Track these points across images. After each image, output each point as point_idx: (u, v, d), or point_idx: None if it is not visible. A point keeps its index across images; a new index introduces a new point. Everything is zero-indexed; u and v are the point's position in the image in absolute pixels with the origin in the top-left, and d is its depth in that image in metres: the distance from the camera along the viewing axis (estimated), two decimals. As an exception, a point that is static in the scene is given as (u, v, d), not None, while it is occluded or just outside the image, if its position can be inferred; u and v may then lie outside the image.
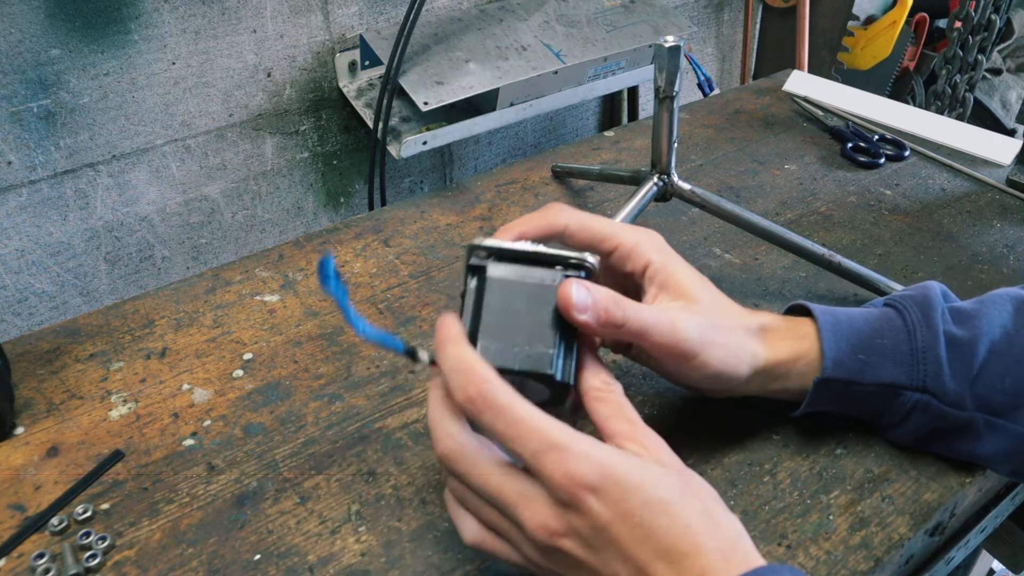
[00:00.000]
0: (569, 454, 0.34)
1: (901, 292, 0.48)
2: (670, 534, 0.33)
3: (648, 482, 0.34)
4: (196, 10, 0.85)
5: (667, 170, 0.63)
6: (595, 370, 0.39)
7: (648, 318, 0.41)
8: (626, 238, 0.44)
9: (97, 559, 0.42)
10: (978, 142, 0.85)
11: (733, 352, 0.43)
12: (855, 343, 0.45)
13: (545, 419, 0.35)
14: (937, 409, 0.44)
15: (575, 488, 0.33)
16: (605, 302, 0.39)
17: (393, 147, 0.96)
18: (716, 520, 0.35)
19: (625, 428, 0.37)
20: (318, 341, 0.59)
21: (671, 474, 0.35)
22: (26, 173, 0.81)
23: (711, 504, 0.35)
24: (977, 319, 0.45)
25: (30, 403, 0.54)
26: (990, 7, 1.45)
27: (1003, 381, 0.43)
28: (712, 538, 0.34)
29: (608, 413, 0.37)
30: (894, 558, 0.43)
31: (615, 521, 0.33)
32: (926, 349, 0.44)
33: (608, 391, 0.38)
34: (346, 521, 0.45)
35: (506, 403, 0.35)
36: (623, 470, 0.34)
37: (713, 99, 1.01)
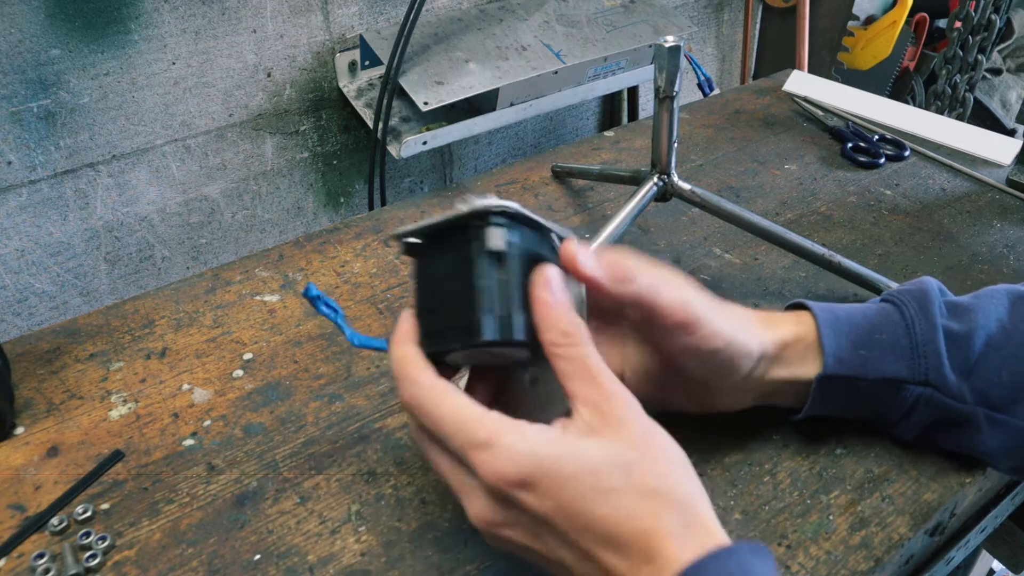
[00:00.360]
0: (494, 451, 0.33)
1: (898, 288, 0.48)
2: (611, 521, 0.32)
3: (583, 471, 0.33)
4: (196, 10, 0.85)
5: (667, 170, 0.63)
6: (553, 319, 0.36)
7: (656, 277, 0.40)
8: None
9: (97, 559, 0.42)
10: (978, 142, 0.85)
11: (739, 327, 0.43)
12: (854, 339, 0.45)
13: (473, 414, 0.34)
14: (940, 402, 0.44)
15: (503, 485, 0.33)
16: (610, 256, 0.39)
17: (393, 147, 0.96)
18: (668, 499, 0.33)
19: (585, 391, 0.35)
20: (318, 341, 0.59)
21: (617, 455, 0.33)
22: (26, 173, 0.81)
23: (663, 480, 0.34)
24: (972, 313, 0.45)
25: (30, 403, 0.54)
26: (990, 7, 1.45)
27: (1000, 375, 0.43)
28: (661, 520, 0.32)
29: (568, 371, 0.35)
30: (894, 558, 0.43)
31: (552, 512, 0.33)
32: (926, 342, 0.44)
33: (568, 343, 0.35)
34: (346, 521, 0.45)
35: (434, 403, 0.35)
36: (553, 462, 0.33)
37: (713, 99, 1.01)
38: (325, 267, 0.68)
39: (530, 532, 0.34)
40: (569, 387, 0.35)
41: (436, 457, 0.37)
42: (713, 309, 0.42)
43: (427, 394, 0.36)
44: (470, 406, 0.35)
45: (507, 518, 0.34)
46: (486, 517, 0.35)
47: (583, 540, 0.33)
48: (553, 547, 0.34)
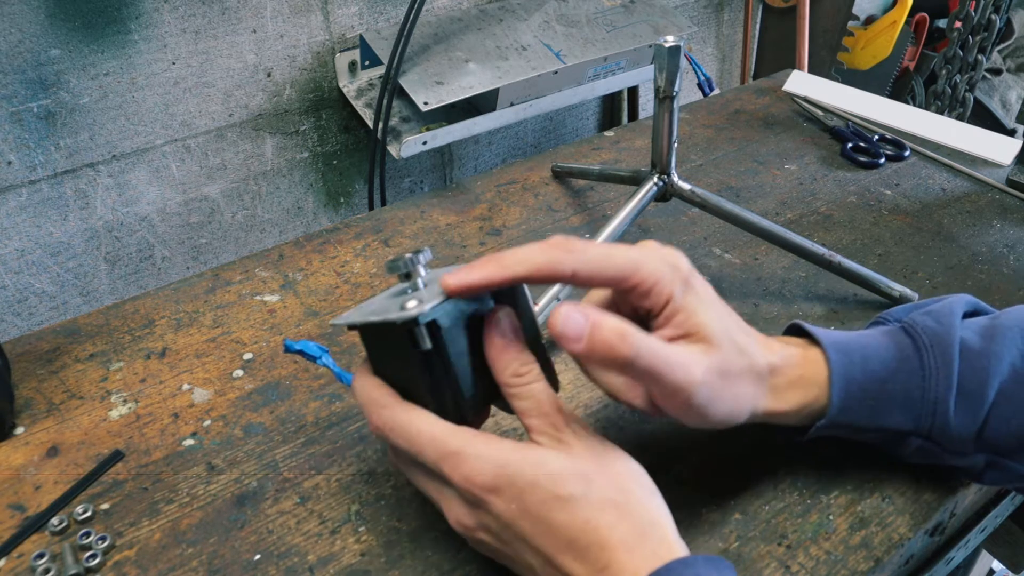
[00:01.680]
0: (463, 457, 0.36)
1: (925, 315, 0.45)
2: (571, 528, 0.34)
3: (544, 479, 0.35)
4: (196, 10, 0.85)
5: (667, 170, 0.63)
6: (504, 362, 0.37)
7: (664, 357, 0.37)
8: (646, 274, 0.38)
9: (97, 559, 0.42)
10: (978, 142, 0.85)
11: (738, 404, 0.40)
12: (866, 387, 0.43)
13: (442, 427, 0.37)
14: (940, 454, 0.43)
15: (474, 489, 0.35)
16: (608, 333, 0.35)
17: (393, 147, 0.96)
18: (626, 511, 0.35)
19: (541, 424, 0.37)
20: (318, 341, 0.59)
21: (576, 466, 0.35)
22: (26, 173, 0.81)
23: (622, 495, 0.35)
24: (986, 358, 0.42)
25: (30, 403, 0.54)
26: (990, 7, 1.45)
27: (1009, 424, 0.42)
28: (616, 531, 0.34)
29: (523, 407, 0.37)
30: (894, 558, 0.43)
31: (518, 517, 0.35)
32: (937, 400, 0.42)
33: (520, 383, 0.37)
34: (346, 521, 0.45)
35: (404, 421, 0.38)
36: (516, 469, 0.35)
37: (713, 99, 1.01)
38: (325, 267, 0.68)
39: (500, 537, 0.36)
40: (526, 422, 0.37)
41: (413, 473, 0.40)
42: (716, 388, 0.38)
43: (399, 415, 0.38)
44: (440, 423, 0.37)
45: (480, 522, 0.37)
46: (462, 521, 0.37)
47: (546, 545, 0.35)
48: (521, 551, 0.36)
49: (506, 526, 0.36)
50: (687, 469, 0.47)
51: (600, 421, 0.51)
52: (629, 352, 0.36)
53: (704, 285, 0.40)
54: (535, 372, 0.38)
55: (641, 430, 0.50)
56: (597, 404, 0.52)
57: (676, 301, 0.39)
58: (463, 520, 0.37)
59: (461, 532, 0.38)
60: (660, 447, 0.49)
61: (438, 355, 0.37)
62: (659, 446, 0.49)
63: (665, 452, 0.48)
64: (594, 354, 0.36)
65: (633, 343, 0.36)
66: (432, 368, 0.37)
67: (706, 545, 0.43)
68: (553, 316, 0.36)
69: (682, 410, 0.39)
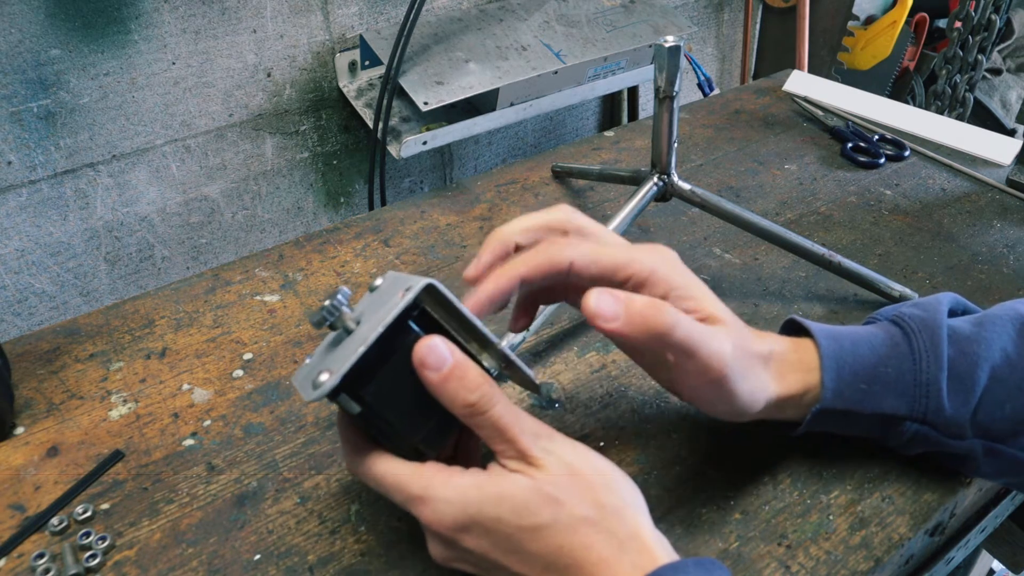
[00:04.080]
0: (427, 502, 0.36)
1: (912, 307, 0.46)
2: (545, 555, 0.35)
3: (509, 514, 0.35)
4: (196, 10, 0.85)
5: (667, 170, 0.63)
6: (450, 393, 0.36)
7: (697, 332, 0.37)
8: (641, 266, 0.40)
9: (97, 559, 0.42)
10: (978, 142, 0.85)
11: (755, 386, 0.41)
12: (858, 372, 0.43)
13: (405, 473, 0.37)
14: (936, 439, 0.44)
15: (443, 530, 0.36)
16: (643, 307, 0.36)
17: (393, 147, 0.96)
18: (602, 527, 0.35)
19: (504, 448, 0.36)
20: (318, 341, 0.59)
21: (543, 492, 0.35)
22: (26, 173, 0.81)
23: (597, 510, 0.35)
24: (976, 344, 0.43)
25: (30, 403, 0.54)
26: (990, 7, 1.45)
27: (1003, 408, 0.42)
28: (593, 550, 0.34)
29: (485, 436, 0.37)
30: (894, 558, 0.43)
31: (492, 549, 0.35)
32: (929, 381, 0.43)
33: (474, 413, 0.36)
34: (346, 521, 0.45)
35: (370, 466, 0.38)
36: (478, 507, 0.35)
37: (713, 99, 1.01)
38: (325, 267, 0.68)
39: (480, 566, 0.37)
40: (491, 446, 0.37)
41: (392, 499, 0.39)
42: (740, 363, 0.40)
43: (365, 461, 0.38)
44: (403, 466, 0.37)
45: (457, 556, 0.37)
46: (440, 555, 0.38)
47: (527, 569, 0.35)
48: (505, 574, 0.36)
49: (482, 558, 0.36)
50: (687, 469, 0.47)
51: (600, 421, 0.51)
52: (668, 321, 0.36)
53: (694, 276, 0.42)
54: (486, 398, 0.36)
55: (641, 430, 0.50)
56: (597, 405, 0.52)
57: (680, 289, 0.40)
58: (441, 554, 0.38)
59: (442, 563, 0.38)
60: (660, 447, 0.49)
61: (371, 413, 0.37)
62: (659, 446, 0.49)
63: (665, 452, 0.48)
64: (632, 328, 0.36)
65: (670, 314, 0.36)
66: (373, 423, 0.37)
67: (706, 545, 0.43)
68: (585, 300, 0.37)
69: (714, 388, 0.39)
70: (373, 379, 0.36)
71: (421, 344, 0.36)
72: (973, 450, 0.43)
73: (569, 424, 0.51)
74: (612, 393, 0.53)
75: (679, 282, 0.40)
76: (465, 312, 0.38)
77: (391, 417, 0.37)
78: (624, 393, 0.53)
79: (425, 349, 0.36)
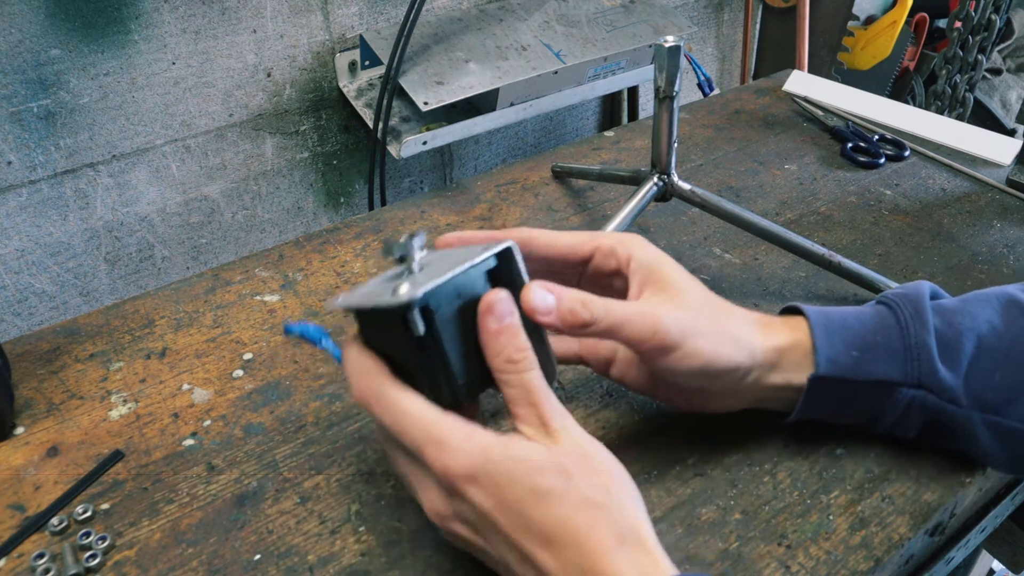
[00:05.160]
0: (445, 447, 0.35)
1: (893, 290, 0.48)
2: (547, 525, 0.34)
3: (523, 473, 0.35)
4: (196, 10, 0.85)
5: (667, 170, 0.63)
6: (498, 347, 0.37)
7: (620, 312, 0.40)
8: (604, 239, 0.44)
9: (97, 559, 0.42)
10: (978, 142, 0.85)
11: (723, 341, 0.42)
12: (848, 340, 0.45)
13: (429, 412, 0.37)
14: (935, 404, 0.44)
15: (453, 479, 0.35)
16: (569, 303, 0.39)
17: (393, 147, 0.96)
18: (606, 512, 0.35)
19: (528, 413, 0.37)
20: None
21: (557, 461, 0.35)
22: (26, 173, 0.81)
23: (604, 495, 0.35)
24: (960, 316, 0.45)
25: (30, 403, 0.54)
26: (990, 7, 1.45)
27: (993, 376, 0.43)
28: (595, 533, 0.34)
29: (513, 395, 0.37)
30: (894, 558, 0.43)
31: (494, 510, 0.35)
32: (919, 345, 0.44)
33: (512, 371, 0.37)
34: (346, 521, 0.45)
35: (393, 399, 0.37)
36: (497, 461, 0.35)
37: (713, 99, 1.01)
38: (325, 267, 0.68)
39: (477, 528, 0.36)
40: (514, 410, 0.37)
41: (394, 452, 0.39)
42: (688, 325, 0.41)
43: (388, 391, 0.38)
44: (428, 407, 0.37)
45: (457, 512, 0.37)
46: (438, 509, 0.37)
47: (523, 540, 0.35)
48: (496, 544, 0.36)
49: (483, 517, 0.35)
50: (687, 470, 0.47)
51: (600, 421, 0.51)
52: (589, 316, 0.39)
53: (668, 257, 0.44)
54: (528, 360, 0.37)
55: (640, 430, 0.50)
56: (597, 404, 0.52)
57: (638, 257, 0.43)
58: (439, 508, 0.37)
59: (436, 522, 0.38)
60: (660, 447, 0.49)
61: (431, 340, 0.37)
62: (659, 446, 0.49)
63: (665, 452, 0.48)
64: (563, 323, 0.39)
65: (592, 306, 0.39)
66: (426, 353, 0.37)
67: (706, 545, 0.43)
68: (524, 294, 0.39)
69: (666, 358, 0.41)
70: (443, 309, 0.37)
71: (493, 293, 0.37)
72: (972, 421, 0.44)
73: (569, 424, 0.51)
74: (612, 393, 0.53)
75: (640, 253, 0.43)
76: (526, 280, 0.40)
77: (450, 349, 0.38)
78: (624, 393, 0.53)
79: (495, 298, 0.37)
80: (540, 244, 0.44)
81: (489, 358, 0.38)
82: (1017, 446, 0.44)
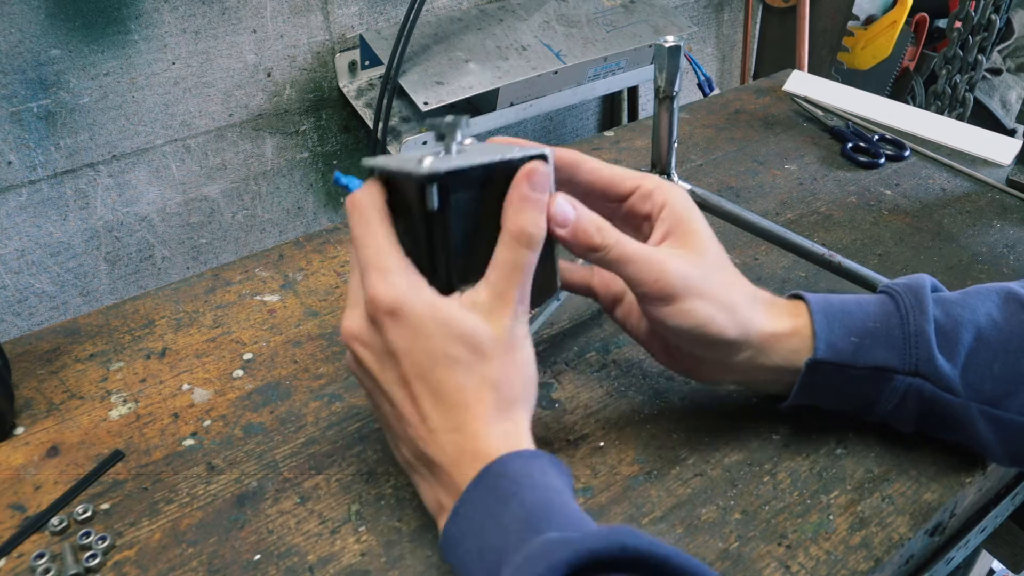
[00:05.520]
0: (384, 276, 0.38)
1: (896, 280, 0.48)
2: (444, 384, 0.37)
3: (443, 335, 0.37)
4: (196, 10, 0.85)
5: (667, 170, 0.63)
6: (523, 213, 0.38)
7: (630, 248, 0.41)
8: (649, 180, 0.44)
9: (97, 559, 0.42)
10: (978, 142, 0.85)
11: (721, 310, 0.42)
12: (848, 325, 0.45)
13: (393, 247, 0.39)
14: (931, 393, 0.44)
15: (377, 307, 0.37)
16: (586, 223, 0.40)
17: (393, 147, 0.96)
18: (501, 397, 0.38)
19: (498, 280, 0.38)
20: (318, 341, 0.59)
21: (479, 342, 0.37)
22: (26, 173, 0.81)
23: (505, 379, 0.38)
24: (960, 308, 0.45)
25: (30, 403, 0.54)
26: (990, 7, 1.45)
27: (992, 368, 0.43)
28: (482, 402, 0.37)
29: (500, 260, 0.39)
30: (894, 558, 0.43)
31: (402, 351, 0.37)
32: (918, 333, 0.44)
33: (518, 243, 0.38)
34: (346, 521, 0.45)
35: (373, 220, 0.39)
36: (428, 313, 0.37)
37: (713, 99, 1.01)
38: (325, 267, 0.68)
39: (378, 358, 0.39)
40: (489, 272, 0.39)
41: (352, 275, 0.41)
42: (694, 284, 0.42)
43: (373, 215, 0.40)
44: (395, 246, 0.39)
45: (368, 338, 0.39)
46: (353, 328, 0.39)
47: (416, 385, 0.38)
48: (389, 380, 0.39)
49: (389, 353, 0.38)
50: (687, 469, 0.47)
51: (599, 421, 0.51)
52: (600, 241, 0.40)
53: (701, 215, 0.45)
54: (535, 242, 0.38)
55: (640, 430, 0.50)
56: (597, 404, 0.52)
57: (671, 205, 0.43)
58: (356, 328, 0.39)
59: (346, 340, 0.40)
60: (660, 447, 0.49)
61: (441, 217, 0.38)
62: (659, 447, 0.49)
63: (665, 452, 0.48)
64: (574, 239, 0.40)
65: (606, 233, 0.40)
66: (433, 228, 0.38)
67: (706, 545, 0.43)
68: (549, 203, 0.40)
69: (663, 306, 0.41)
70: (461, 191, 0.38)
71: (540, 163, 0.39)
72: (969, 411, 0.44)
73: (569, 424, 0.51)
74: (612, 393, 0.53)
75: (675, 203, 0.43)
76: (552, 191, 0.41)
77: (454, 230, 0.38)
78: (624, 393, 0.53)
79: (541, 167, 0.39)
80: (585, 170, 0.44)
81: (504, 219, 0.39)
82: (1014, 438, 0.44)
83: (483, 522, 0.35)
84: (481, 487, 0.36)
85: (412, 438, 0.39)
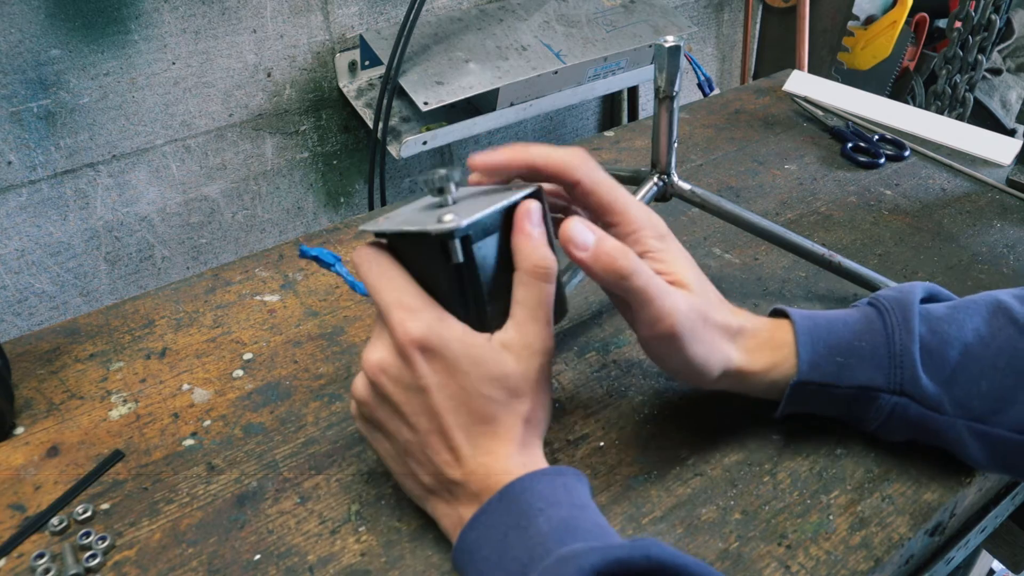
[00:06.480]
0: (412, 313, 0.38)
1: (886, 291, 0.48)
2: (477, 420, 0.38)
3: (475, 373, 0.38)
4: (196, 10, 0.85)
5: (667, 170, 0.63)
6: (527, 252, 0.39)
7: (656, 284, 0.40)
8: (633, 217, 0.43)
9: (97, 559, 0.42)
10: (978, 142, 0.85)
11: (710, 351, 0.43)
12: (833, 345, 0.44)
13: (413, 286, 0.39)
14: (917, 412, 0.44)
15: (407, 342, 0.38)
16: (611, 248, 0.39)
17: (393, 147, 0.96)
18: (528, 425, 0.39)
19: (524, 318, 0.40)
20: (318, 341, 0.59)
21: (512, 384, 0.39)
22: (26, 173, 0.81)
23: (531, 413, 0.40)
24: (947, 323, 0.44)
25: (30, 403, 0.54)
26: (990, 7, 1.45)
27: (979, 384, 0.43)
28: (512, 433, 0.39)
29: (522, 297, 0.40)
30: (894, 558, 0.43)
31: (434, 385, 0.38)
32: (903, 352, 0.44)
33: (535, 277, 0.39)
34: (346, 521, 0.45)
35: (386, 264, 0.40)
36: (455, 350, 0.38)
37: (713, 99, 1.01)
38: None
39: (405, 390, 0.39)
40: (514, 308, 0.40)
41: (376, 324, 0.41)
42: (696, 326, 0.42)
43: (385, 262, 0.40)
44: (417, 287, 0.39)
45: (396, 372, 0.39)
46: (380, 361, 0.39)
47: (446, 417, 0.38)
48: (416, 411, 0.39)
49: (419, 387, 0.38)
50: (687, 470, 0.47)
51: (600, 421, 0.51)
52: (628, 267, 0.39)
53: (681, 247, 0.44)
54: (550, 274, 0.39)
55: (640, 430, 0.50)
56: (596, 405, 0.52)
57: (654, 253, 0.43)
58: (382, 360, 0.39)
59: (370, 372, 0.39)
60: (660, 447, 0.49)
61: (468, 268, 0.39)
62: (659, 446, 0.49)
63: (665, 452, 0.48)
64: (597, 264, 0.39)
65: (633, 261, 0.40)
66: (462, 279, 0.39)
67: (706, 545, 0.43)
68: (565, 225, 0.40)
69: (664, 343, 0.41)
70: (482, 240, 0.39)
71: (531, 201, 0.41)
72: (957, 429, 0.43)
73: (569, 424, 0.51)
74: (612, 393, 0.53)
75: (658, 246, 0.43)
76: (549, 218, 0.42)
77: (481, 278, 0.39)
78: (624, 393, 0.53)
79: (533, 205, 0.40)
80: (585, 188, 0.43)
81: (518, 260, 0.40)
82: (1003, 453, 0.43)
83: (506, 532, 0.36)
84: (507, 499, 0.37)
85: (438, 464, 0.39)
